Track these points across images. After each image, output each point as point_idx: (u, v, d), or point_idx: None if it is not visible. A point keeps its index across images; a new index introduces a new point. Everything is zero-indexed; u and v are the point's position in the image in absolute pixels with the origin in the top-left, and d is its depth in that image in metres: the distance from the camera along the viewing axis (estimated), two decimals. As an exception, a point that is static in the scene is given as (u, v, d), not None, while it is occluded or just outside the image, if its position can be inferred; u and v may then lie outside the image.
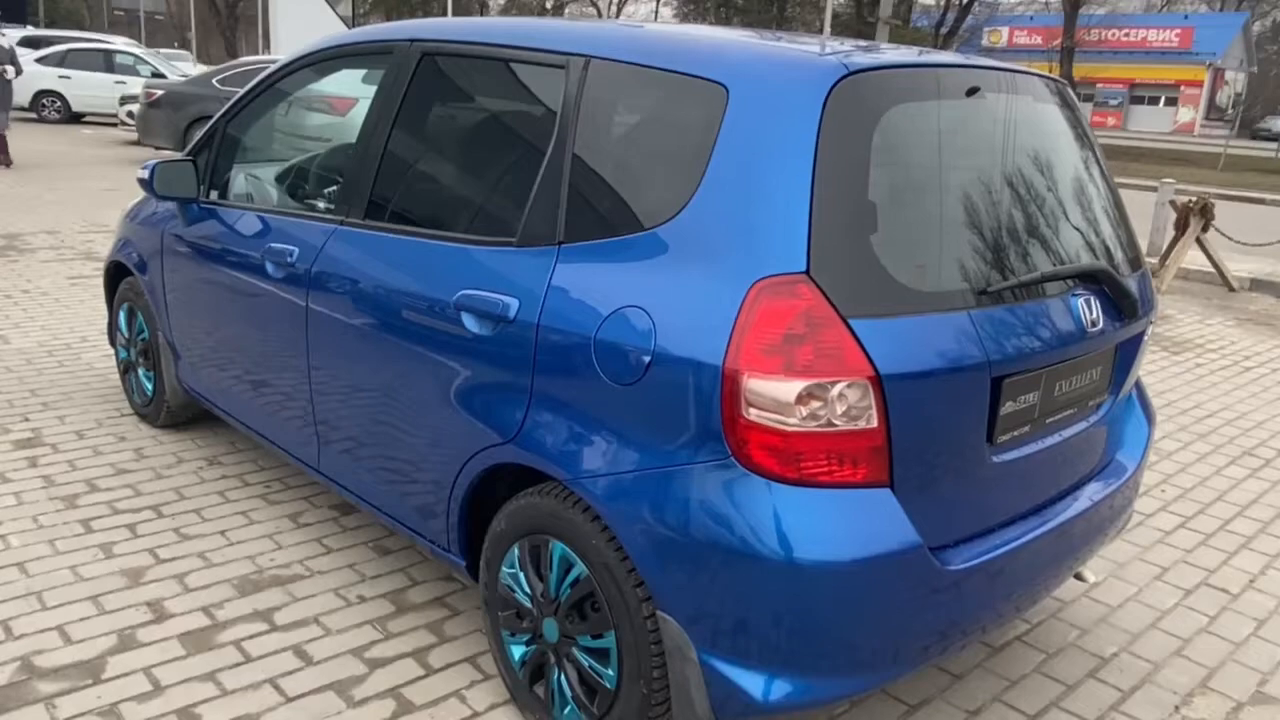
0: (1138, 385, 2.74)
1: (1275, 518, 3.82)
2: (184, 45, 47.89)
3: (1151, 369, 5.92)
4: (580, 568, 2.07)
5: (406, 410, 2.46)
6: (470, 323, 2.22)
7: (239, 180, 3.31)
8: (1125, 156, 29.06)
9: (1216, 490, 4.06)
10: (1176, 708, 2.57)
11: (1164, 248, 9.09)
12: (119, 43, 19.91)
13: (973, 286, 1.94)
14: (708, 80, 1.97)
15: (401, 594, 2.86)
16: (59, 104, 18.12)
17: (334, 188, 2.85)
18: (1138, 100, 52.20)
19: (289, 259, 2.81)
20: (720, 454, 1.81)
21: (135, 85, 16.22)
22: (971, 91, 2.08)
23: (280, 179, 3.24)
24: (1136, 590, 3.17)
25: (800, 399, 1.75)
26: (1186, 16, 52.73)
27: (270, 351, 2.97)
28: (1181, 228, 8.72)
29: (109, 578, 2.83)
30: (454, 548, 2.44)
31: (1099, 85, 50.43)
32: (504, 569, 2.28)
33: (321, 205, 2.92)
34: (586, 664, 2.10)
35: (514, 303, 2.13)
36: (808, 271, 1.77)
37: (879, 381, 1.77)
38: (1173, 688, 2.65)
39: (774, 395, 1.76)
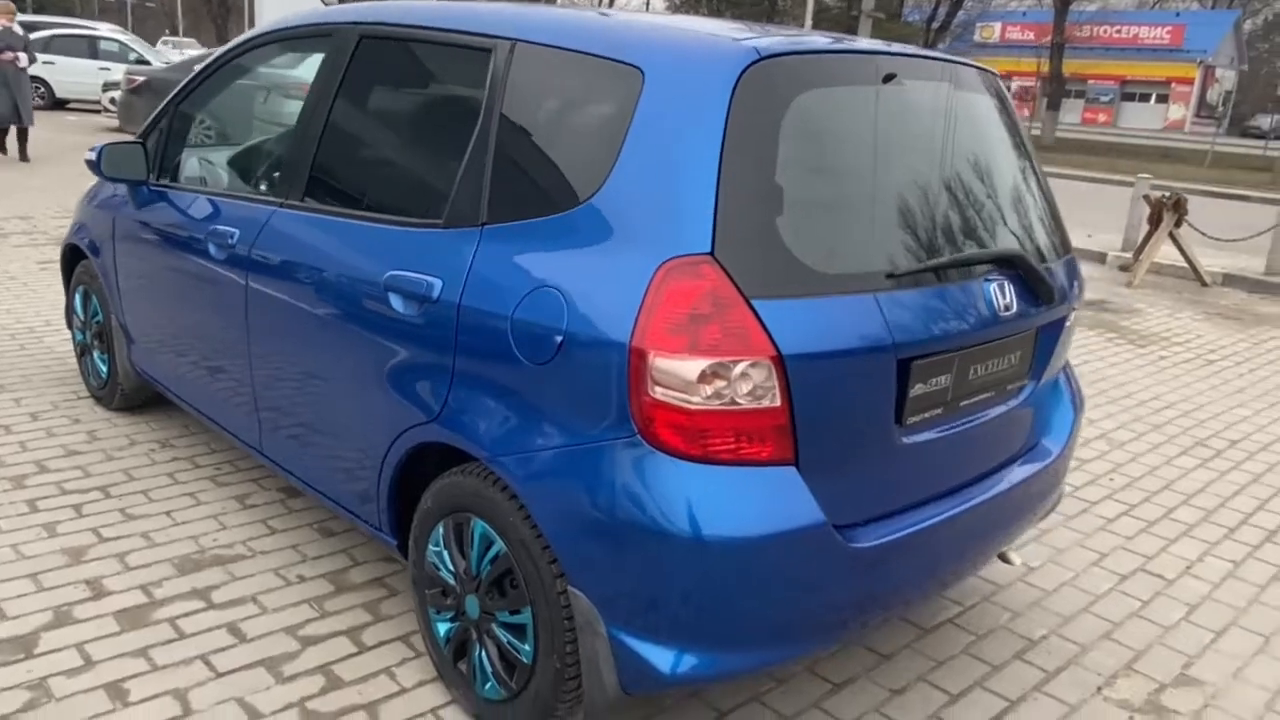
0: (1066, 369, 2.77)
1: (1219, 506, 3.87)
2: (174, 32, 47.65)
3: (1115, 361, 5.98)
4: (499, 545, 2.10)
5: (339, 391, 2.49)
6: (397, 303, 2.25)
7: (187, 163, 3.32)
8: (1113, 153, 29.17)
9: (1164, 479, 4.11)
10: (1099, 689, 2.61)
11: (1138, 243, 9.15)
12: (104, 29, 19.80)
13: (880, 270, 1.97)
14: (624, 64, 2.00)
15: (342, 574, 2.89)
16: (42, 90, 17.98)
17: (276, 170, 2.87)
18: (1129, 97, 52.31)
19: (230, 241, 2.82)
20: (628, 432, 1.84)
21: (119, 71, 16.15)
22: (888, 78, 2.11)
23: (226, 161, 3.26)
24: (1073, 575, 3.22)
25: (703, 378, 1.78)
26: (1178, 14, 52.81)
27: (214, 334, 2.99)
28: (1155, 223, 8.77)
29: (50, 556, 2.85)
30: (385, 527, 2.47)
31: (1090, 82, 50.53)
32: (430, 547, 2.31)
33: (264, 187, 2.94)
34: (505, 640, 2.13)
35: (438, 283, 2.16)
36: (712, 253, 1.80)
37: (781, 361, 1.80)
38: (1098, 669, 2.70)
39: (679, 374, 1.79)
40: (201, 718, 2.23)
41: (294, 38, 2.92)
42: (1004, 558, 2.77)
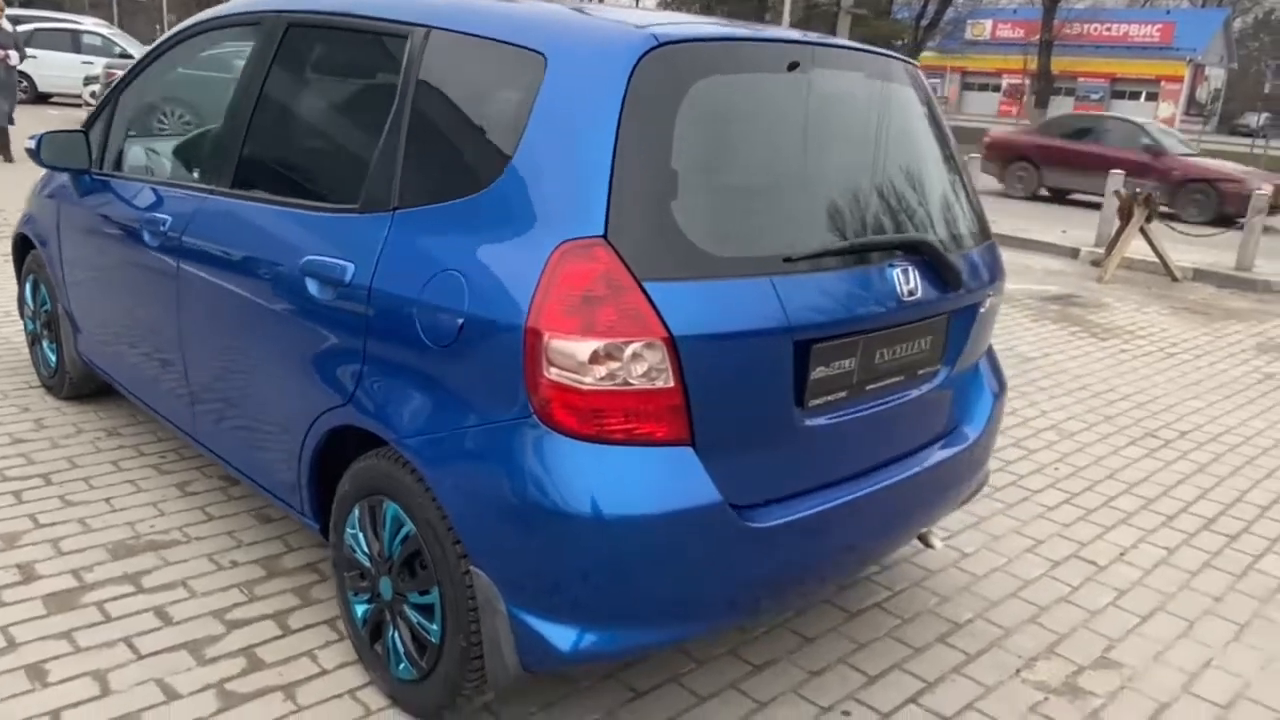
0: (989, 355, 2.80)
1: (1161, 495, 3.91)
2: (164, 27, 47.44)
3: (1075, 354, 6.02)
4: (409, 526, 2.12)
5: (262, 376, 2.51)
6: (313, 288, 2.27)
7: (128, 151, 3.34)
8: (1101, 150, 29.23)
9: (1109, 469, 4.15)
10: (1018, 670, 2.65)
11: (1110, 238, 9.19)
12: (88, 23, 19.75)
13: (778, 254, 1.99)
14: (529, 49, 2.02)
15: (275, 559, 2.91)
16: (25, 84, 17.93)
17: (207, 158, 2.89)
18: (1119, 95, 52.40)
19: (163, 228, 2.84)
20: (525, 413, 1.87)
21: (101, 65, 16.11)
22: (793, 66, 2.14)
23: (162, 150, 3.27)
24: (1006, 561, 3.25)
25: (596, 358, 1.81)
26: (1168, 12, 52.92)
27: (150, 322, 3.01)
28: (1125, 218, 8.82)
29: (-17, 541, 2.87)
30: (308, 511, 2.49)
31: (1080, 79, 50.61)
32: (348, 530, 2.33)
33: (196, 175, 2.96)
34: (416, 620, 2.16)
35: (351, 267, 2.18)
36: (605, 235, 1.82)
37: (673, 343, 1.83)
38: (1019, 652, 2.73)
39: (572, 355, 1.81)
40: (119, 698, 2.25)
41: (226, 26, 2.93)
42: (925, 540, 2.81)
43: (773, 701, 2.43)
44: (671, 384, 1.85)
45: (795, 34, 2.25)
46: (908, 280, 2.19)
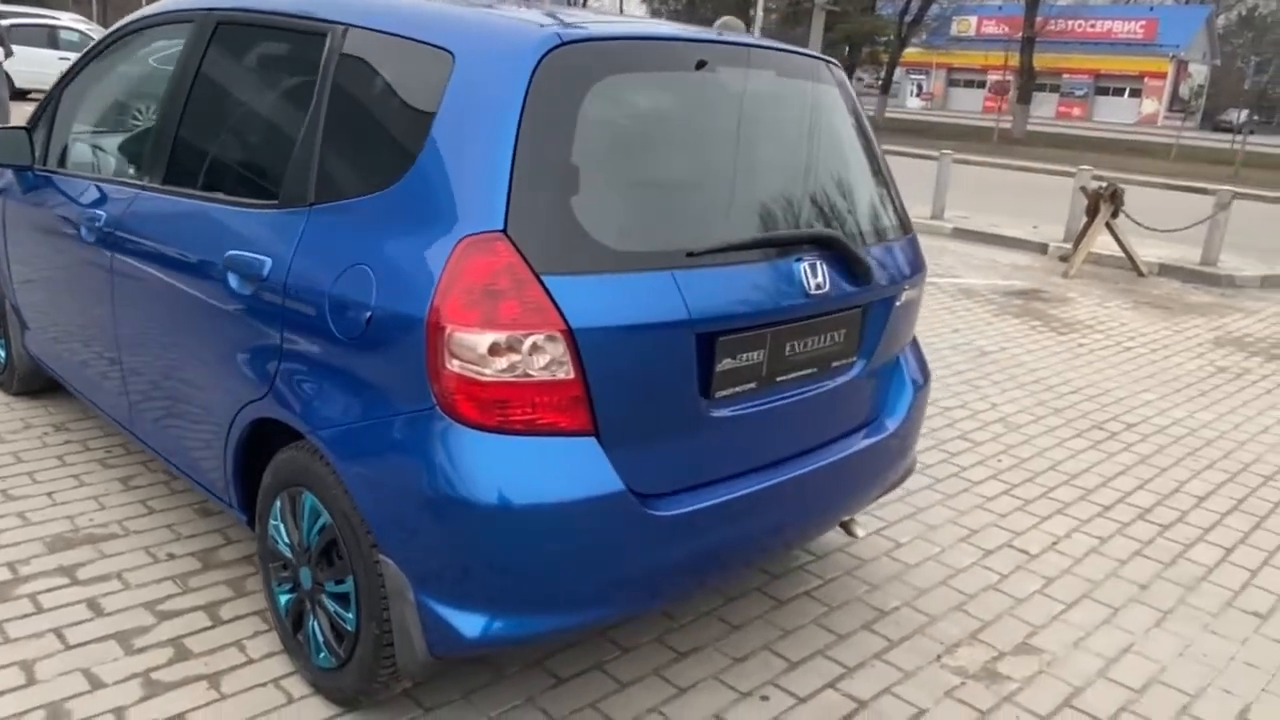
0: (914, 346, 2.85)
1: (1100, 486, 3.98)
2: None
3: (1032, 348, 6.09)
4: (325, 517, 2.16)
5: (190, 370, 2.54)
6: (235, 282, 2.30)
7: (71, 148, 3.36)
8: (1083, 146, 29.44)
9: (1052, 460, 4.21)
10: (938, 656, 2.70)
11: (1078, 233, 9.28)
12: (65, 19, 19.66)
13: (681, 248, 2.03)
14: (438, 47, 2.06)
15: (212, 552, 2.94)
16: None
17: (141, 155, 2.91)
18: (1103, 91, 52.76)
19: (99, 224, 2.87)
20: (428, 405, 1.91)
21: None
22: (700, 65, 2.18)
23: (101, 146, 3.30)
24: (939, 551, 3.31)
25: (496, 350, 1.85)
26: (1152, 9, 53.25)
27: (89, 317, 3.04)
28: (1092, 214, 8.90)
29: (-79, 535, 2.89)
30: (235, 503, 2.52)
31: (1065, 76, 50.93)
32: (271, 521, 2.37)
33: (131, 171, 2.99)
34: (333, 609, 2.20)
35: (268, 261, 2.21)
36: (506, 230, 1.87)
37: (572, 335, 1.87)
38: (941, 639, 2.79)
39: (473, 347, 1.85)
40: (43, 687, 2.28)
41: (161, 24, 2.96)
42: (848, 529, 2.86)
43: (693, 688, 2.48)
44: (572, 375, 1.90)
45: (705, 33, 2.29)
46: (815, 274, 2.24)
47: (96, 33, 19.04)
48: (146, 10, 3.06)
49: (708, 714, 2.38)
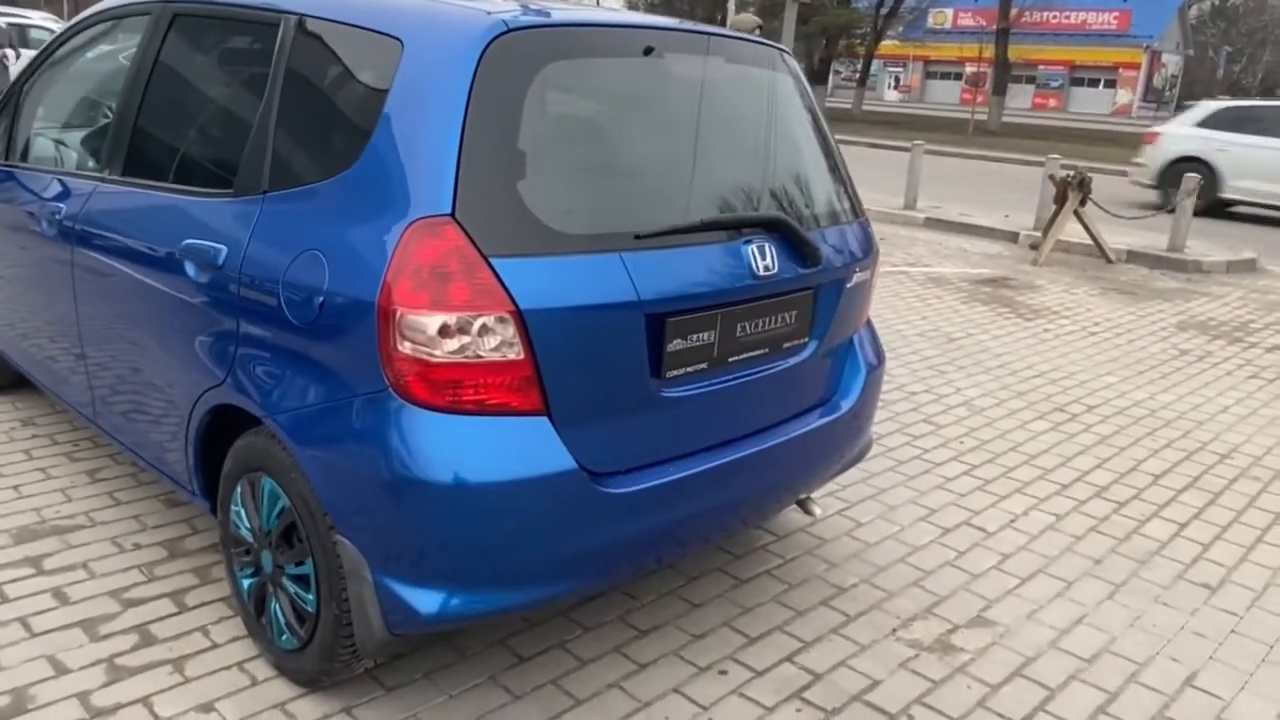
0: (868, 328, 2.91)
1: (1059, 466, 4.06)
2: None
3: (999, 334, 6.17)
4: (284, 500, 2.19)
5: (150, 359, 2.57)
6: (191, 270, 2.33)
7: (33, 142, 3.36)
8: (1057, 137, 29.65)
9: (1013, 442, 4.29)
10: (893, 630, 2.77)
11: (1047, 221, 9.38)
12: (36, 17, 19.45)
13: (629, 231, 2.08)
14: (386, 35, 2.09)
15: (178, 541, 2.96)
16: (-29, 80, 17.66)
17: (101, 147, 2.93)
18: (1078, 82, 53.11)
19: (58, 216, 2.88)
20: (381, 386, 1.94)
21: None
22: (648, 51, 2.22)
23: (63, 140, 3.30)
24: (898, 530, 3.38)
25: (446, 332, 1.89)
26: (1125, 0, 53.66)
27: (51, 310, 3.05)
28: (1060, 202, 9.01)
29: (-115, 529, 2.90)
30: (198, 490, 2.55)
31: (1040, 67, 51.24)
32: (232, 507, 2.40)
33: (90, 164, 3.00)
34: (294, 591, 2.23)
35: (224, 250, 2.24)
36: (453, 214, 1.90)
37: (520, 316, 1.91)
38: (897, 613, 2.85)
39: (423, 329, 1.89)
40: (7, 674, 2.31)
41: (120, 17, 2.97)
42: (805, 508, 2.92)
43: (653, 664, 2.53)
44: (522, 356, 1.94)
45: (653, 20, 2.33)
46: (763, 256, 2.28)
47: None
48: (104, 4, 3.07)
49: (667, 688, 2.43)
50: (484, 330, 1.90)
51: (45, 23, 18.96)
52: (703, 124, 2.32)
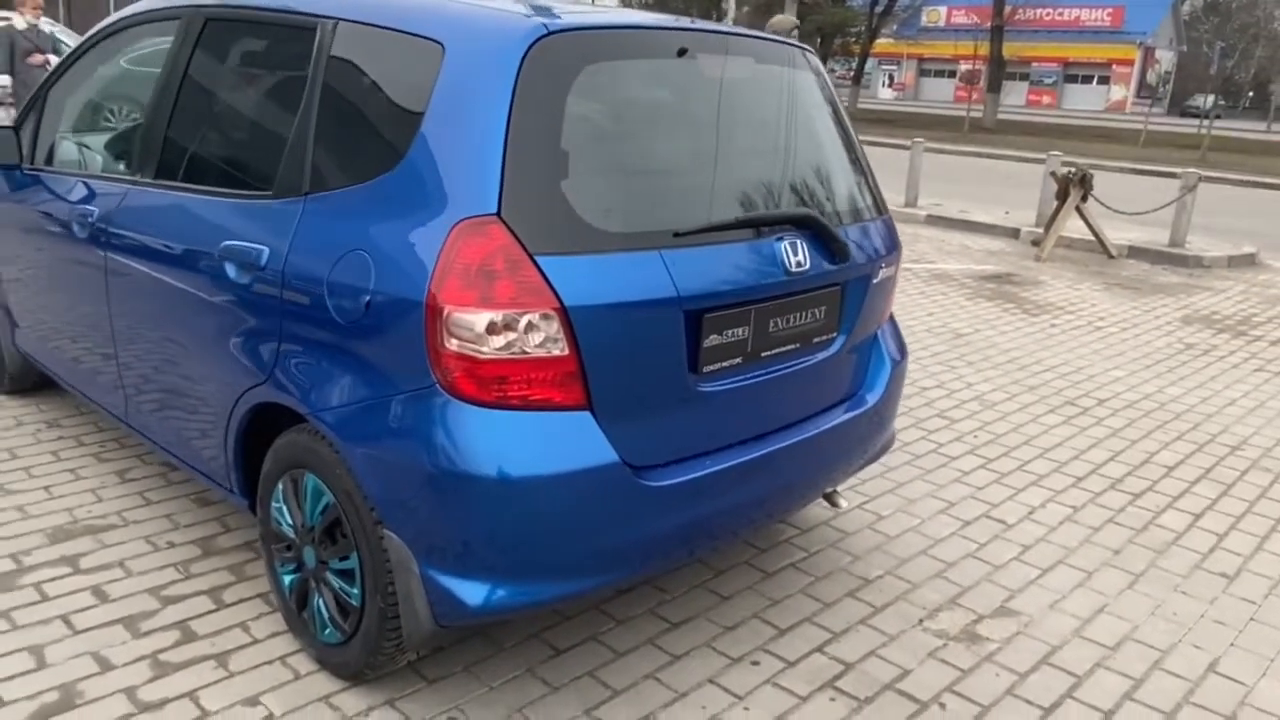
0: (891, 323, 2.96)
1: (1073, 459, 4.11)
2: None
3: (1006, 330, 6.22)
4: (328, 496, 2.23)
5: (188, 359, 2.60)
6: (232, 271, 2.37)
7: (60, 146, 3.39)
8: (1053, 134, 29.79)
9: (1026, 435, 4.34)
10: (920, 620, 2.81)
11: (1048, 217, 9.44)
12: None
13: (668, 229, 2.12)
14: (428, 39, 2.13)
15: (212, 540, 3.00)
16: (-31, 84, 17.65)
17: (132, 150, 2.96)
18: (1071, 79, 53.31)
19: (90, 219, 2.92)
20: (428, 383, 1.98)
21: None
22: (681, 52, 2.26)
23: (91, 144, 3.33)
24: (919, 522, 3.42)
25: (493, 329, 1.93)
26: (1118, -4, 53.87)
27: (83, 311, 3.08)
28: (1061, 198, 9.07)
29: (-79, 530, 2.93)
30: (236, 488, 2.59)
31: (1034, 64, 51.41)
32: (273, 504, 2.43)
33: (122, 167, 3.03)
34: (338, 585, 2.27)
35: (266, 250, 2.28)
36: (499, 213, 1.94)
37: (565, 313, 1.95)
38: (923, 604, 2.90)
39: (471, 326, 1.93)
40: (55, 670, 2.34)
41: (149, 21, 3.00)
42: (831, 500, 2.96)
43: (686, 655, 2.57)
44: (566, 352, 1.98)
45: (685, 22, 2.38)
46: (795, 253, 2.33)
47: (62, 33, 18.84)
48: (131, 9, 3.10)
49: (702, 679, 2.47)
50: (530, 327, 1.94)
51: (44, 25, 18.94)
52: (734, 123, 2.36)
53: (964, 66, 49.04)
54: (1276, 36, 48.08)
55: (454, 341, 1.94)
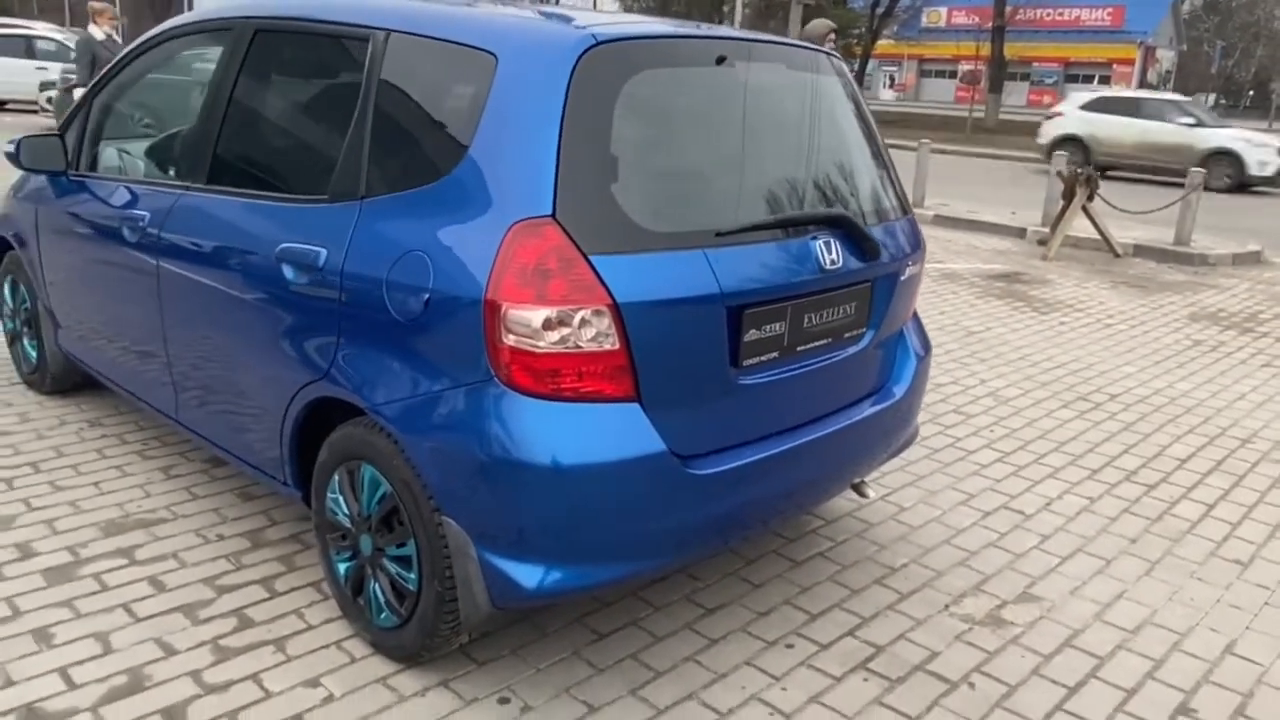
0: (915, 320, 3.06)
1: (1087, 452, 4.21)
2: (121, 32, 46.73)
3: (1017, 327, 6.32)
4: (385, 486, 2.33)
5: (243, 358, 2.71)
6: (289, 272, 2.47)
7: (104, 153, 3.50)
8: (1055, 133, 29.84)
9: (1041, 430, 4.44)
10: (946, 605, 2.91)
11: (1055, 216, 9.54)
12: (40, 28, 19.58)
13: (711, 229, 2.23)
14: (481, 50, 2.24)
15: (259, 533, 3.10)
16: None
17: (182, 157, 3.07)
18: (1073, 79, 53.30)
19: (142, 224, 3.02)
20: (486, 376, 2.09)
21: (56, 71, 16.01)
22: (720, 60, 2.37)
23: (138, 150, 3.44)
24: (940, 513, 3.52)
25: (549, 325, 2.03)
26: (1118, -5, 53.94)
27: (132, 313, 3.19)
28: (1068, 198, 9.16)
29: (-20, 525, 3.03)
30: (290, 480, 2.69)
31: (1035, 64, 51.50)
32: (328, 495, 2.54)
33: (172, 173, 3.14)
34: (394, 571, 2.37)
35: (324, 252, 2.38)
36: (554, 215, 2.05)
37: (617, 309, 2.06)
38: (948, 590, 3.00)
39: (528, 322, 2.03)
40: (121, 655, 2.44)
41: (197, 32, 3.11)
42: (859, 490, 3.06)
43: (723, 639, 2.67)
44: (617, 346, 2.08)
45: (722, 31, 2.48)
46: (830, 251, 2.43)
47: (73, 42, 18.97)
48: (179, 19, 3.21)
49: (740, 661, 2.57)
50: (583, 323, 2.05)
51: (51, 34, 19.07)
52: (769, 127, 2.46)
53: (964, 67, 49.18)
54: (1277, 35, 48.18)
55: (511, 337, 2.05)
